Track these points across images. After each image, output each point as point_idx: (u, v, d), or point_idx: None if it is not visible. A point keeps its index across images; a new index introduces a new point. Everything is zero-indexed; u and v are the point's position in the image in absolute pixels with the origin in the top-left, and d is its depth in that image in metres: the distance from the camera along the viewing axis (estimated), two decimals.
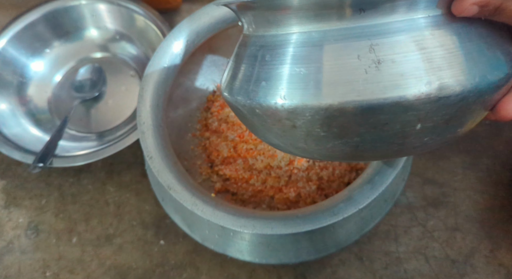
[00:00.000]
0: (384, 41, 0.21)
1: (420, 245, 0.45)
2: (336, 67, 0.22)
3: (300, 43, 0.23)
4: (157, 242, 0.47)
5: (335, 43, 0.22)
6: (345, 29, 0.22)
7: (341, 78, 0.22)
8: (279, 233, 0.33)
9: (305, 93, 0.22)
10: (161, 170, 0.37)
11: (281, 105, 0.23)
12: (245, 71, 0.26)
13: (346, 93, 0.21)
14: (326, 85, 0.22)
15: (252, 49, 0.26)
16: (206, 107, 0.53)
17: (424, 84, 0.21)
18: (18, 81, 0.56)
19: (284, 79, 0.23)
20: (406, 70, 0.21)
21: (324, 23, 0.23)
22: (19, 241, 0.47)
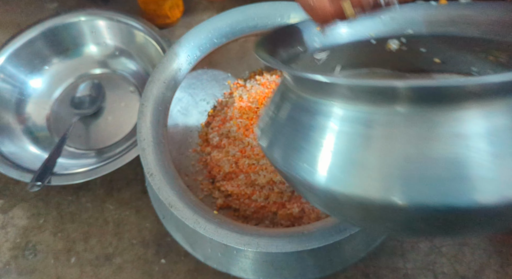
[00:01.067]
0: (498, 127, 0.18)
1: (428, 261, 0.44)
2: (447, 160, 0.19)
3: (399, 125, 0.19)
4: (158, 261, 0.45)
5: (445, 129, 0.19)
6: (454, 112, 0.19)
7: (457, 173, 0.18)
8: (284, 251, 0.32)
9: (413, 190, 0.19)
10: (162, 187, 0.36)
11: (383, 201, 0.19)
12: (318, 148, 0.21)
13: (466, 192, 0.18)
14: (440, 182, 0.19)
15: (320, 120, 0.21)
16: (207, 122, 0.52)
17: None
18: (16, 99, 0.56)
19: (387, 171, 0.19)
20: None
21: (427, 106, 0.19)
22: (16, 262, 0.46)
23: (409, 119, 0.19)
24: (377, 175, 0.19)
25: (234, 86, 0.53)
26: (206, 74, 0.51)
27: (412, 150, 0.19)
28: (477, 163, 0.18)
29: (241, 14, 0.46)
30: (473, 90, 0.18)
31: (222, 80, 0.53)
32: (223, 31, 0.45)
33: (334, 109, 0.21)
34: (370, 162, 0.20)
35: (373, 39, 0.34)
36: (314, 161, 0.21)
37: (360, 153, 0.20)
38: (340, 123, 0.21)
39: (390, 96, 0.19)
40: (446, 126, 0.19)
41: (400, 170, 0.19)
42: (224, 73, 0.53)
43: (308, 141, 0.22)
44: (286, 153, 0.23)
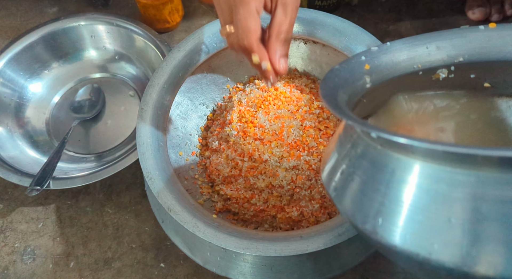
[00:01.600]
0: None
1: None
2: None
3: (487, 189, 0.18)
4: (157, 265, 0.45)
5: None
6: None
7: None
8: (283, 255, 0.32)
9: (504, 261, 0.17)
10: (161, 191, 0.36)
11: (470, 269, 0.18)
12: (395, 204, 0.20)
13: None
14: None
15: (398, 175, 0.20)
16: (206, 126, 0.52)
17: None
18: (16, 103, 0.56)
19: (471, 235, 0.18)
20: None
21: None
22: (14, 267, 0.46)
23: (496, 182, 0.18)
24: (457, 239, 0.18)
25: (233, 90, 0.54)
26: (205, 78, 0.51)
27: (500, 215, 0.17)
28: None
29: None
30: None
31: (222, 85, 0.53)
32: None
33: (416, 166, 0.20)
34: (449, 223, 0.18)
35: (420, 71, 0.33)
36: (389, 219, 0.20)
37: (444, 217, 0.18)
38: (422, 181, 0.19)
39: (480, 161, 0.18)
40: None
41: (485, 238, 0.17)
42: (224, 78, 0.53)
43: (383, 197, 0.21)
44: (359, 207, 0.22)
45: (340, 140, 0.26)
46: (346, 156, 0.24)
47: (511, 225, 0.17)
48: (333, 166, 0.25)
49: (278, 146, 0.45)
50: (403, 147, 0.20)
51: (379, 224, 0.20)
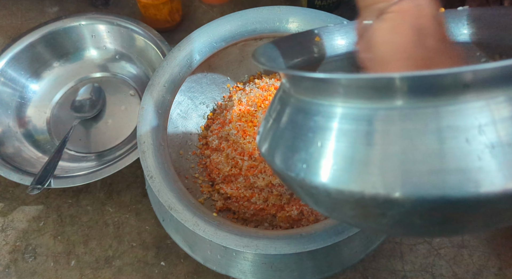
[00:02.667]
0: (493, 120, 0.19)
1: (427, 263, 0.44)
2: (441, 152, 0.19)
3: (395, 121, 0.20)
4: (158, 263, 0.45)
5: (437, 123, 0.19)
6: (449, 105, 0.19)
7: (451, 165, 0.19)
8: (283, 253, 0.33)
9: (407, 182, 0.19)
10: (161, 189, 0.36)
11: (373, 195, 0.20)
12: (314, 148, 0.22)
13: (460, 182, 0.19)
14: (433, 173, 0.19)
15: (319, 121, 0.22)
16: (206, 125, 0.52)
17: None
18: (17, 102, 0.56)
19: (377, 164, 0.20)
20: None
21: (422, 99, 0.19)
22: (16, 265, 0.46)
23: (407, 113, 0.20)
24: (376, 170, 0.20)
25: (233, 90, 0.54)
26: (205, 77, 0.52)
27: (410, 144, 0.19)
28: (475, 155, 0.18)
29: (240, 18, 0.46)
30: (470, 79, 0.18)
31: (222, 84, 0.53)
32: (222, 35, 0.46)
33: (332, 108, 0.21)
34: (368, 158, 0.20)
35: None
36: (313, 161, 0.22)
37: (358, 149, 0.20)
38: (339, 121, 0.21)
39: (387, 90, 0.20)
40: (443, 120, 0.19)
41: (399, 164, 0.19)
42: (224, 77, 0.53)
43: (307, 141, 0.22)
44: (285, 156, 0.23)
45: (271, 103, 0.27)
46: (273, 113, 0.26)
47: (421, 153, 0.19)
48: (262, 125, 0.27)
49: None
50: (316, 91, 0.22)
51: (306, 169, 0.22)
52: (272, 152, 0.24)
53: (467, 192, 0.18)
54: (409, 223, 0.21)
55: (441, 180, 0.19)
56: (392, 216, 0.21)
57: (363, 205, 0.21)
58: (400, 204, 0.20)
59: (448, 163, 0.19)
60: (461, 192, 0.19)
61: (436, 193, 0.19)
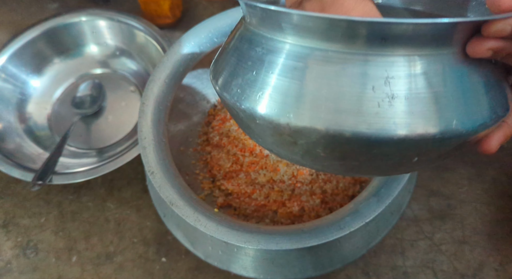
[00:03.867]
0: (399, 75, 0.21)
1: (428, 259, 0.44)
2: (349, 94, 0.21)
3: (316, 60, 0.22)
4: (159, 259, 0.46)
5: (352, 67, 0.21)
6: (364, 54, 0.21)
7: (354, 107, 0.21)
8: (285, 248, 0.33)
9: (315, 116, 0.22)
10: (162, 185, 0.36)
11: (286, 123, 0.23)
12: (249, 75, 0.24)
13: (357, 123, 0.21)
14: (337, 112, 0.21)
15: (258, 51, 0.24)
16: (207, 121, 0.52)
17: (431, 125, 0.21)
18: (17, 98, 0.56)
19: (294, 96, 0.22)
20: (416, 109, 0.21)
21: (343, 44, 0.21)
22: (17, 261, 0.46)
23: (330, 56, 0.22)
24: (292, 102, 0.22)
25: None
26: (206, 73, 0.52)
27: (326, 84, 0.22)
28: (375, 102, 0.21)
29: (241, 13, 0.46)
30: (385, 33, 0.20)
31: None
32: (223, 30, 0.46)
33: (271, 42, 0.24)
34: (288, 90, 0.23)
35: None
36: (246, 87, 0.24)
37: (283, 82, 0.23)
38: (275, 55, 0.23)
39: (317, 31, 0.22)
40: (359, 67, 0.21)
41: (311, 99, 0.22)
42: None
43: (245, 69, 0.24)
44: (226, 80, 0.26)
45: (228, 37, 0.29)
46: (227, 43, 0.28)
47: (338, 94, 0.22)
48: (218, 52, 0.29)
49: None
50: (266, 24, 0.24)
51: (239, 93, 0.25)
52: (217, 75, 0.27)
53: (360, 132, 0.21)
54: (315, 155, 0.24)
55: (342, 119, 0.21)
56: (301, 145, 0.24)
57: (279, 132, 0.24)
58: (306, 134, 0.22)
59: (351, 105, 0.21)
60: (355, 131, 0.21)
61: (335, 129, 0.21)
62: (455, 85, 0.21)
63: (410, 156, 0.23)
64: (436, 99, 0.21)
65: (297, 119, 0.22)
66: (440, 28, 0.20)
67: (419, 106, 0.21)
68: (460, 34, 0.21)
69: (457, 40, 0.21)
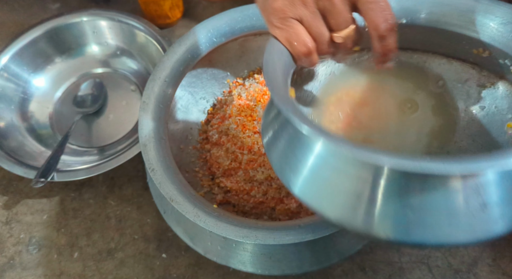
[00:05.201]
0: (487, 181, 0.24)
1: (423, 255, 0.45)
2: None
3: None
4: (159, 255, 0.46)
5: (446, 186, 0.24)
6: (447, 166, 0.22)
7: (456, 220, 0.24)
8: (282, 243, 0.33)
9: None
10: (163, 182, 0.37)
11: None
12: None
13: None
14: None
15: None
16: (207, 120, 0.53)
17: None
18: (20, 97, 0.57)
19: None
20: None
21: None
22: (20, 257, 0.47)
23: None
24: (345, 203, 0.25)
25: (233, 85, 0.54)
26: (206, 73, 0.52)
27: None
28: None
29: (240, 14, 0.47)
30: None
31: (222, 79, 0.54)
32: (222, 31, 0.46)
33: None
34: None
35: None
36: (296, 173, 0.27)
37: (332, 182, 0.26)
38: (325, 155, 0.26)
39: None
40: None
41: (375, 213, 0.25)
42: (224, 72, 0.54)
43: (295, 157, 0.27)
44: (279, 161, 0.29)
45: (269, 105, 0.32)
46: (277, 119, 0.30)
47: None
48: (268, 123, 0.31)
49: None
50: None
51: (289, 178, 0.28)
52: (270, 152, 0.30)
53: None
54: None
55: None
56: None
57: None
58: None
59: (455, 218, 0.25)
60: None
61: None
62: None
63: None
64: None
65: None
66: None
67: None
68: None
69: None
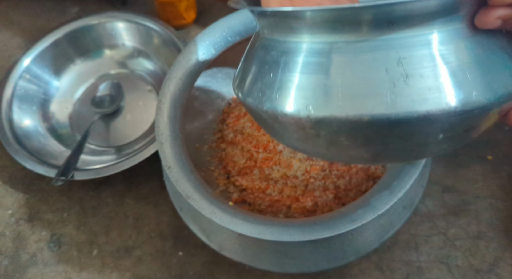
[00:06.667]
0: (411, 54, 0.21)
1: (442, 254, 0.44)
2: (364, 80, 0.22)
3: (327, 53, 0.23)
4: (176, 253, 0.47)
5: (363, 55, 0.22)
6: (373, 40, 0.22)
7: (370, 91, 0.22)
8: (298, 240, 0.33)
9: (333, 105, 0.22)
10: (179, 179, 0.38)
11: (307, 115, 0.23)
12: (267, 78, 0.25)
13: (375, 106, 0.22)
14: (354, 98, 0.22)
15: (273, 54, 0.26)
16: (222, 119, 0.53)
17: (451, 99, 0.21)
18: (41, 99, 0.58)
19: (311, 90, 0.23)
20: (433, 84, 0.21)
21: (351, 34, 0.22)
22: (42, 254, 0.48)
23: (342, 46, 0.23)
24: (309, 94, 0.23)
25: None
26: (220, 72, 0.53)
27: (341, 73, 0.23)
28: (391, 82, 0.22)
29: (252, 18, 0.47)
30: (391, 16, 0.21)
31: None
32: (236, 29, 0.47)
33: (286, 44, 0.25)
34: (304, 84, 0.24)
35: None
36: (265, 89, 0.25)
37: (297, 78, 0.24)
38: (290, 55, 0.24)
39: (323, 24, 0.23)
40: (370, 53, 0.22)
41: (327, 89, 0.23)
42: None
43: (262, 73, 0.26)
44: (247, 87, 0.27)
45: (247, 51, 0.30)
46: (246, 56, 0.29)
47: (354, 83, 0.22)
48: (239, 69, 0.30)
49: None
50: (281, 29, 0.25)
51: (260, 96, 0.26)
52: (240, 85, 0.28)
53: (379, 114, 0.22)
54: (340, 144, 0.25)
55: (359, 104, 0.22)
56: (324, 136, 0.24)
57: (301, 127, 0.24)
58: (327, 124, 0.23)
59: (366, 89, 0.22)
60: (373, 114, 0.22)
61: (354, 114, 0.22)
62: (469, 58, 0.22)
63: (435, 133, 0.23)
64: (451, 73, 0.21)
65: (316, 110, 0.23)
66: (445, 3, 0.21)
67: (434, 81, 0.21)
68: (467, 7, 0.21)
69: (464, 14, 0.22)
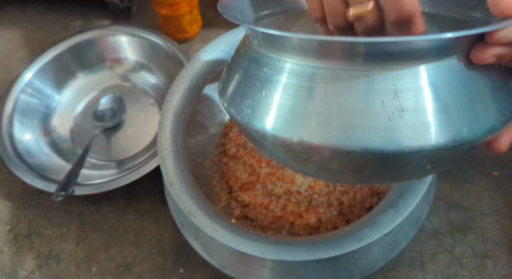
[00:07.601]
0: (407, 87, 0.21)
1: (448, 273, 0.43)
2: (359, 110, 0.22)
3: (325, 79, 0.22)
4: (177, 270, 0.46)
5: (359, 84, 0.22)
6: (370, 71, 0.22)
7: (365, 123, 0.21)
8: (302, 259, 0.33)
9: (326, 133, 0.22)
10: (181, 196, 0.37)
11: (299, 141, 0.23)
12: (259, 96, 0.25)
13: (369, 139, 0.21)
14: (349, 128, 0.22)
15: (266, 72, 0.25)
16: (224, 133, 0.53)
17: (443, 135, 0.21)
18: (42, 112, 0.58)
19: (305, 115, 0.23)
20: (427, 120, 0.21)
21: (349, 62, 0.22)
22: (40, 271, 0.47)
23: (339, 74, 0.22)
24: (303, 121, 0.23)
25: None
26: None
27: (335, 101, 0.22)
28: (386, 116, 0.21)
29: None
30: (392, 50, 0.21)
31: None
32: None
33: (279, 62, 0.24)
34: (298, 110, 0.23)
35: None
36: (256, 108, 0.25)
37: (292, 102, 0.23)
38: (284, 75, 0.24)
39: (325, 51, 0.22)
40: (366, 83, 0.21)
41: (322, 118, 0.22)
42: None
43: (254, 90, 0.25)
44: (236, 102, 0.26)
45: (234, 53, 0.30)
46: (234, 64, 0.28)
47: (345, 110, 0.22)
48: (224, 73, 0.29)
49: None
50: (271, 45, 0.24)
51: (250, 114, 0.25)
52: (226, 96, 0.28)
53: (372, 147, 0.21)
54: (330, 169, 0.25)
55: (353, 135, 0.22)
56: (315, 161, 0.24)
57: (292, 150, 0.24)
58: (319, 151, 0.23)
59: (361, 120, 0.21)
60: (367, 147, 0.21)
61: (346, 145, 0.22)
62: (462, 93, 0.22)
63: (424, 164, 0.23)
64: (445, 109, 0.21)
65: (309, 137, 0.22)
66: (443, 41, 0.21)
67: (428, 117, 0.21)
68: (464, 44, 0.22)
69: (461, 49, 0.22)
